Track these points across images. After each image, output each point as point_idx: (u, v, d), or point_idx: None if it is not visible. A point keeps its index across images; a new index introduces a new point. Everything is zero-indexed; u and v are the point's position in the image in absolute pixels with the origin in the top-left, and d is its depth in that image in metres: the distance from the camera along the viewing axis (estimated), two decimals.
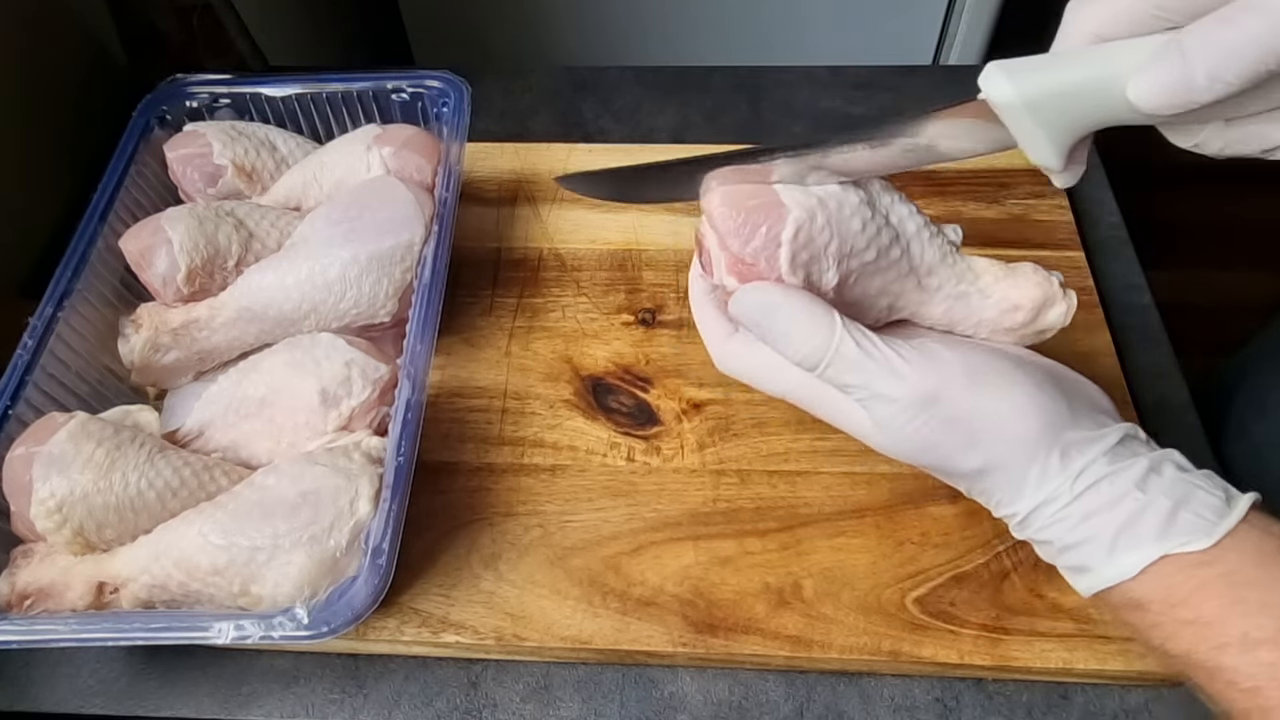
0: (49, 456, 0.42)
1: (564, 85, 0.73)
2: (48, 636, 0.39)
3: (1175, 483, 0.33)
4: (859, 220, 0.36)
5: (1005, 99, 0.33)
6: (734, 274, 0.38)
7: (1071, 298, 0.39)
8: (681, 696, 0.45)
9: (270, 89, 0.59)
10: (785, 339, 0.36)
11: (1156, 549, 0.32)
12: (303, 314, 0.50)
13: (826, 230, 0.36)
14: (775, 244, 0.36)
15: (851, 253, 0.37)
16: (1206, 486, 0.33)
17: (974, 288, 0.38)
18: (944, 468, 0.36)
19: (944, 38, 1.12)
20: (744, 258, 0.37)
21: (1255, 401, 0.57)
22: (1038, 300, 0.38)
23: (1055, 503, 0.34)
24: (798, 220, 0.36)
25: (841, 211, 0.36)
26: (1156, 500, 0.32)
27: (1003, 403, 0.35)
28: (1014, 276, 0.39)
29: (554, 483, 0.50)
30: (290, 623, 0.39)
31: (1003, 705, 0.44)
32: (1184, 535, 0.32)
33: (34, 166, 0.62)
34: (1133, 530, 0.32)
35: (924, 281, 0.38)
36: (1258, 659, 0.30)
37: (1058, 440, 0.34)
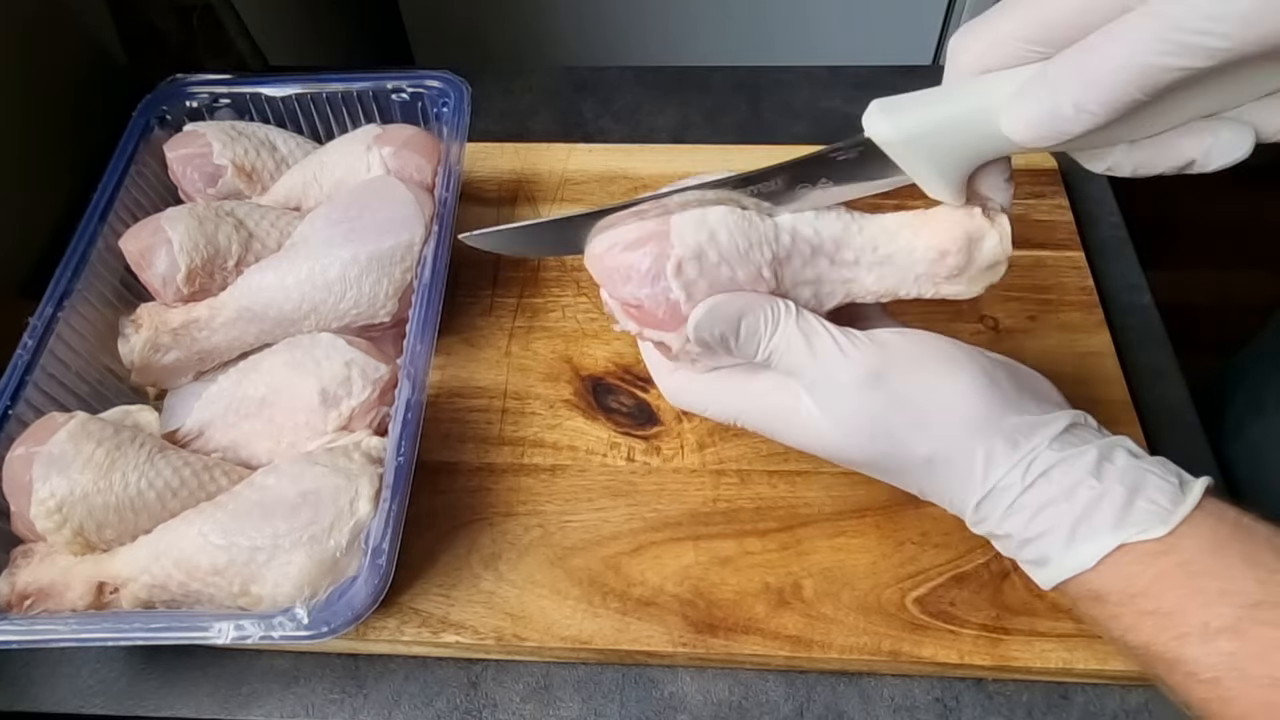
0: (49, 456, 0.42)
1: (564, 85, 0.73)
2: (48, 636, 0.39)
3: (1128, 470, 0.33)
4: (745, 238, 0.36)
5: (886, 137, 0.33)
6: (632, 318, 0.38)
7: (1002, 223, 0.36)
8: (681, 696, 0.45)
9: (270, 89, 0.59)
10: (748, 340, 0.36)
11: (1114, 538, 0.31)
12: (303, 314, 0.50)
13: (724, 265, 0.36)
14: (657, 279, 0.36)
15: (758, 268, 0.36)
16: (1160, 473, 0.33)
17: (895, 247, 0.37)
18: (895, 458, 0.35)
19: (944, 38, 1.12)
20: (629, 300, 0.37)
21: (1253, 400, 0.57)
22: (960, 239, 0.36)
23: (1008, 492, 0.33)
24: (679, 256, 0.35)
25: (732, 239, 0.36)
26: (1112, 488, 0.32)
27: (948, 384, 0.34)
28: (930, 222, 0.37)
29: (554, 483, 0.50)
30: (290, 623, 0.39)
31: (1003, 705, 0.44)
32: (1141, 524, 0.31)
33: (34, 166, 0.62)
34: (1089, 520, 0.32)
35: (838, 259, 0.37)
36: (1217, 649, 0.30)
37: (1004, 423, 0.34)
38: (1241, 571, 0.30)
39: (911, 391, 0.34)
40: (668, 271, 0.35)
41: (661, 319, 0.37)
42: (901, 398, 0.34)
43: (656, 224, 0.36)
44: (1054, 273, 0.57)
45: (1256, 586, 0.30)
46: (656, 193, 0.37)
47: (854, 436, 0.35)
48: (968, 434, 0.34)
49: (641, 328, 0.38)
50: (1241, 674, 0.29)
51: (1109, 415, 0.51)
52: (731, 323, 0.35)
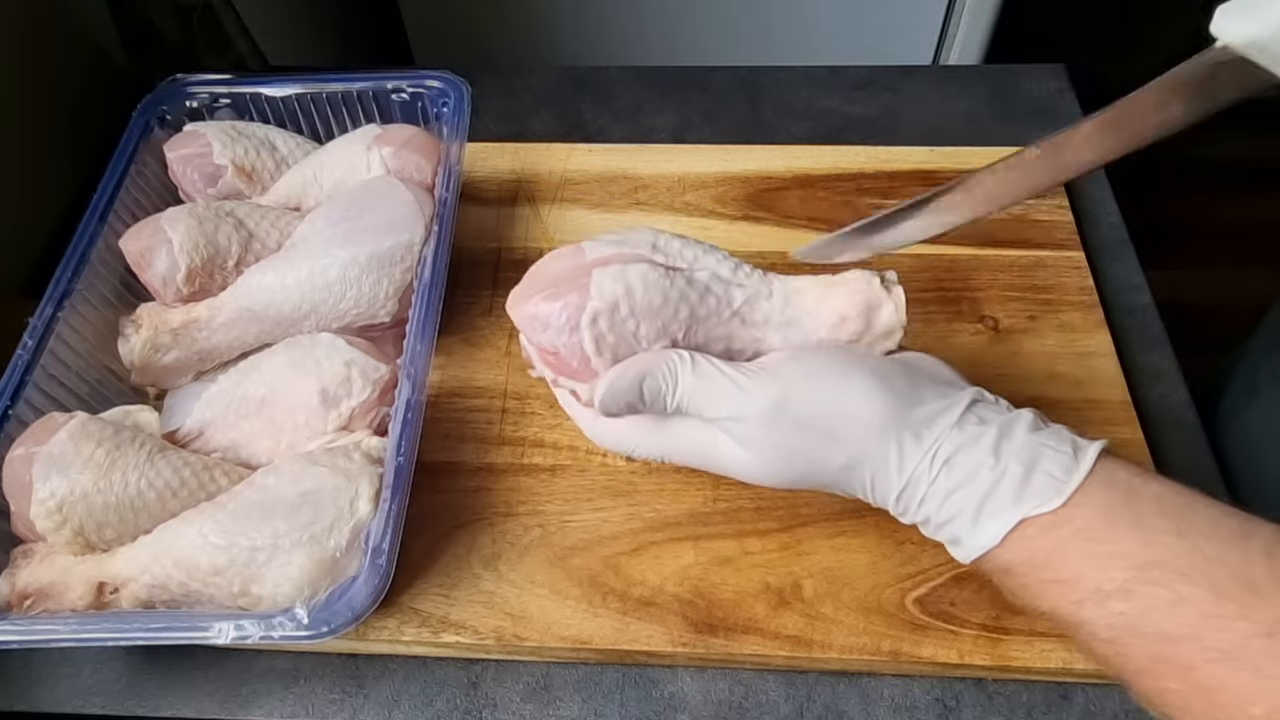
0: (49, 456, 0.42)
1: (564, 85, 0.73)
2: (48, 636, 0.39)
3: (1025, 446, 0.34)
4: (660, 295, 0.37)
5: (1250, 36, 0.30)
6: (547, 365, 0.39)
7: (898, 294, 0.39)
8: (681, 696, 0.45)
9: (270, 89, 0.59)
10: (655, 401, 0.38)
11: (1014, 514, 0.33)
12: (303, 314, 0.50)
13: (631, 319, 0.37)
14: (570, 329, 0.37)
15: (663, 326, 0.38)
16: (1055, 445, 0.34)
17: (801, 310, 0.39)
18: (817, 473, 0.37)
19: (944, 38, 1.11)
20: (545, 347, 0.38)
21: (1247, 386, 0.58)
22: (860, 306, 0.39)
23: (920, 483, 0.35)
24: (595, 309, 0.37)
25: (647, 294, 0.37)
26: (1009, 467, 0.33)
27: (844, 395, 0.36)
28: (835, 289, 0.39)
29: (554, 483, 0.50)
30: (290, 623, 0.39)
31: (1003, 705, 0.44)
32: (1038, 498, 0.33)
33: (34, 166, 0.62)
34: (991, 500, 0.33)
35: (749, 319, 0.39)
36: (1111, 610, 0.31)
37: (907, 420, 0.35)
38: (1130, 535, 0.32)
39: (812, 410, 0.36)
40: (583, 321, 0.37)
41: (575, 369, 0.38)
42: (805, 418, 0.36)
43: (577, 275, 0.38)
44: (1054, 273, 0.57)
45: (1143, 548, 0.31)
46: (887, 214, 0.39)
47: (772, 464, 0.37)
48: (874, 436, 0.35)
49: (557, 375, 0.40)
50: (1135, 632, 0.31)
51: (1108, 415, 0.51)
52: (634, 391, 0.37)
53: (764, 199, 0.62)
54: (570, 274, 0.38)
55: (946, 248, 0.59)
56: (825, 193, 0.62)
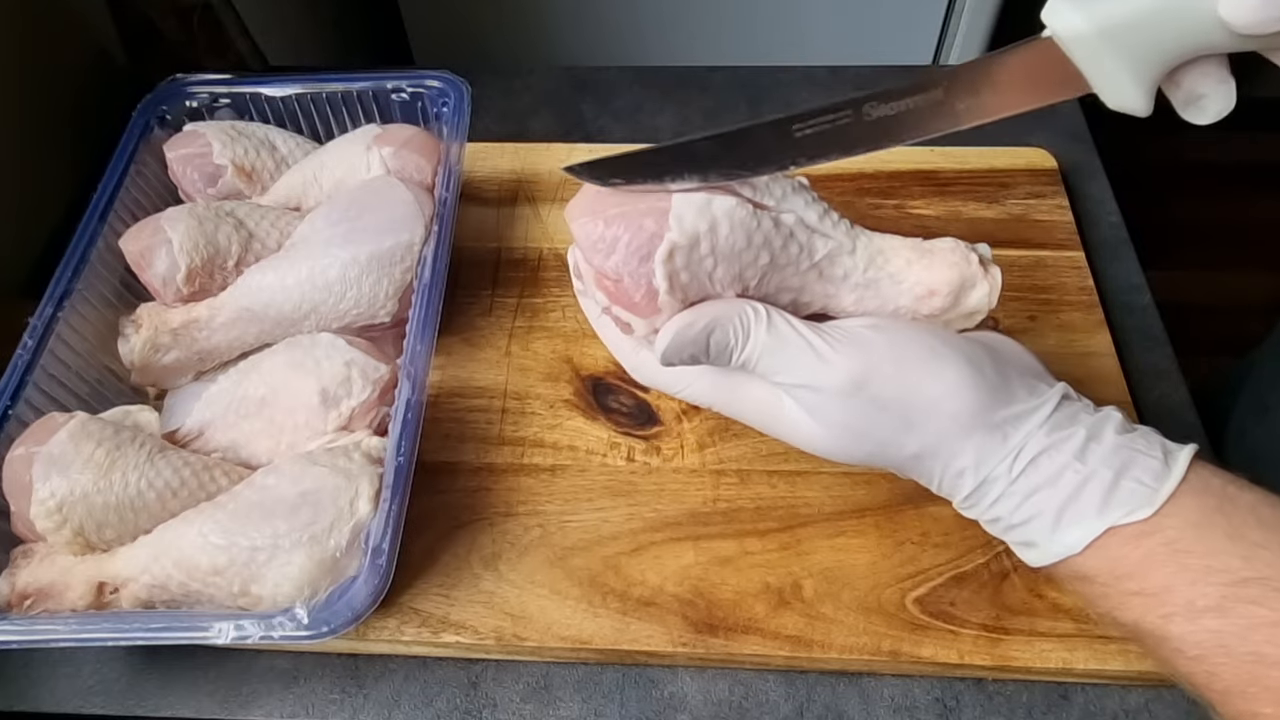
0: (49, 456, 0.42)
1: (564, 85, 0.73)
2: (48, 636, 0.39)
3: (1115, 450, 0.32)
4: (745, 237, 0.34)
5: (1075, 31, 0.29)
6: (603, 290, 0.35)
7: (995, 276, 0.36)
8: (681, 696, 0.45)
9: (270, 89, 0.59)
10: (720, 355, 0.35)
11: (1100, 523, 0.31)
12: (303, 314, 0.50)
13: (710, 259, 0.34)
14: (639, 259, 0.33)
15: (739, 271, 0.34)
16: (1145, 449, 0.32)
17: (884, 273, 0.36)
18: (881, 455, 0.35)
19: (944, 38, 1.12)
20: (606, 273, 0.34)
21: (1256, 404, 0.57)
22: (954, 283, 0.35)
23: (997, 483, 0.33)
24: (674, 242, 0.33)
25: (732, 235, 0.34)
26: (1097, 471, 0.32)
27: (935, 383, 0.33)
28: (928, 258, 0.36)
29: (554, 483, 0.50)
30: (290, 623, 0.39)
31: (1003, 705, 0.44)
32: (1126, 506, 0.31)
33: (34, 166, 0.62)
34: (1075, 505, 0.32)
35: (827, 273, 0.36)
36: (1203, 627, 0.30)
37: (994, 417, 0.33)
38: (1225, 548, 0.30)
39: (896, 394, 0.33)
40: (657, 256, 0.33)
41: (637, 302, 0.34)
42: (886, 402, 0.33)
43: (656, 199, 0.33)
44: (1054, 273, 0.57)
45: (1241, 563, 0.30)
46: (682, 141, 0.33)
47: (839, 440, 0.35)
48: (956, 432, 0.33)
49: (612, 304, 0.35)
50: (1227, 651, 0.29)
51: None
52: (700, 343, 0.34)
53: None
54: (644, 199, 0.34)
55: None
56: (825, 193, 0.61)
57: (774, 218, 0.35)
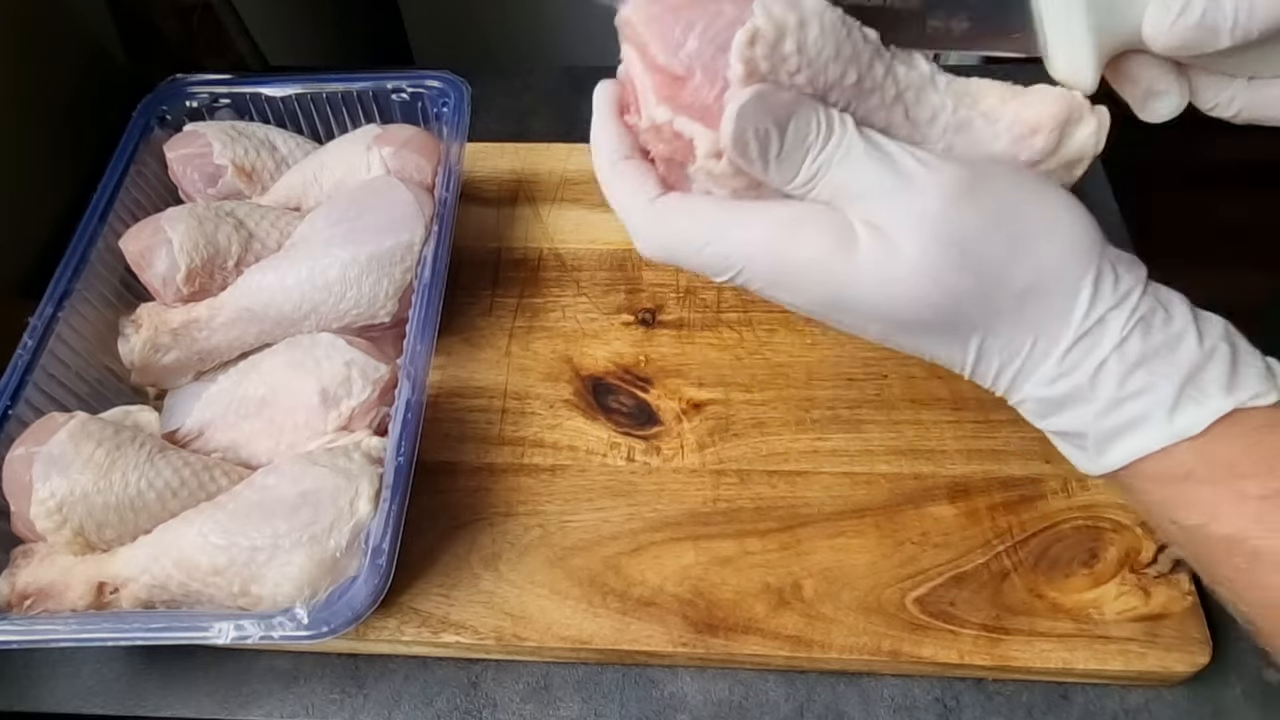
0: (49, 456, 0.42)
1: (564, 85, 0.73)
2: (48, 636, 0.39)
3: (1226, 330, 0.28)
4: (834, 45, 0.30)
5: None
6: (667, 100, 0.30)
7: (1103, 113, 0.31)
8: (681, 696, 0.45)
9: (270, 89, 0.59)
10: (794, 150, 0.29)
11: (1227, 401, 0.27)
12: (303, 314, 0.50)
13: (795, 60, 0.29)
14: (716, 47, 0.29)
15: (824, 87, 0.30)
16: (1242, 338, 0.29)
17: (975, 112, 0.32)
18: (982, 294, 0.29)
19: None
20: (674, 69, 0.30)
21: None
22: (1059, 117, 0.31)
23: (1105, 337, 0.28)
24: (758, 28, 0.29)
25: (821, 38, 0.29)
26: (1218, 346, 0.28)
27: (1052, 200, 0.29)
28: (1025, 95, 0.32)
29: (554, 483, 0.50)
30: (290, 623, 0.39)
31: (1003, 705, 0.44)
32: (1252, 388, 0.27)
33: (34, 166, 0.62)
34: (1200, 378, 0.27)
35: (913, 113, 0.31)
36: None
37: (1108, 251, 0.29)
38: None
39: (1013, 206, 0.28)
40: (737, 40, 0.28)
41: (710, 103, 0.30)
42: (1002, 213, 0.28)
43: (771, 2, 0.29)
44: None
45: None
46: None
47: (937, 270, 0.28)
48: (1077, 256, 0.28)
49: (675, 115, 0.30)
50: None
51: None
52: (780, 118, 0.28)
53: None
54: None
55: None
56: None
57: (864, 31, 0.31)
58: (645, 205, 0.31)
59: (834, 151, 0.29)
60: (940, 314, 0.29)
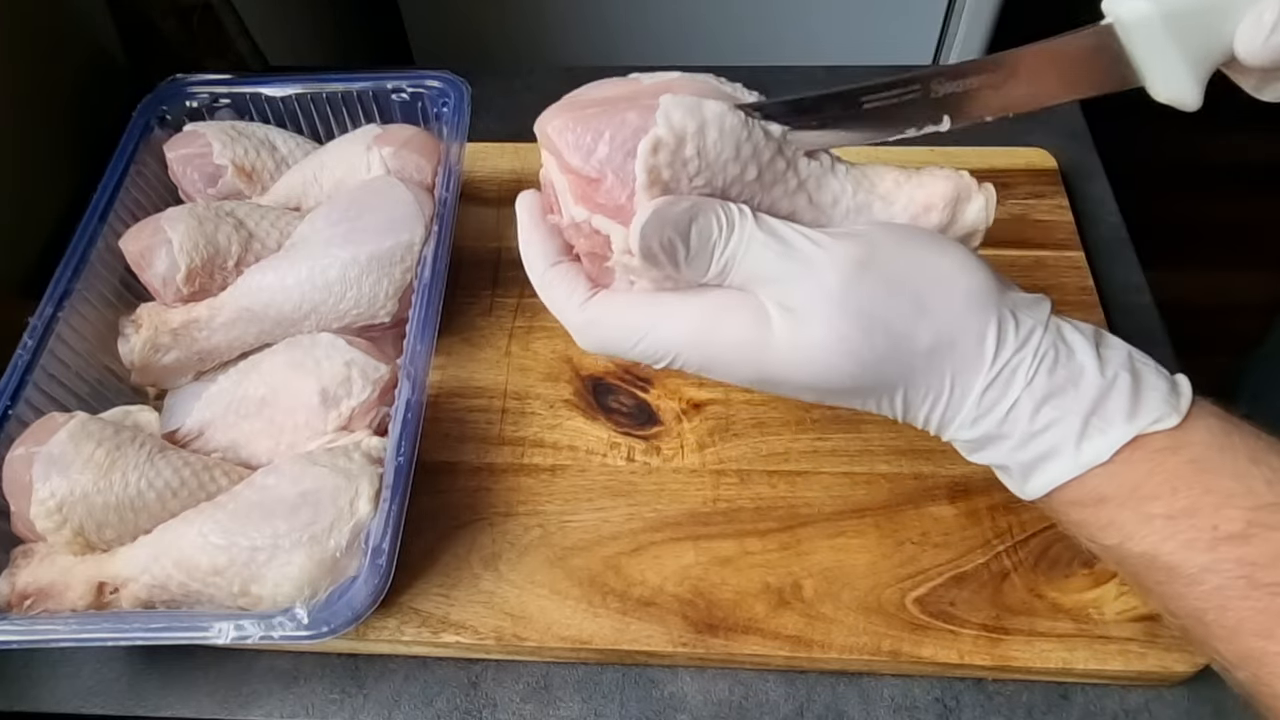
0: (49, 456, 0.42)
1: (564, 85, 0.72)
2: (48, 636, 0.39)
3: (1129, 355, 0.30)
4: (734, 146, 0.32)
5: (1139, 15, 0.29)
6: (583, 201, 0.32)
7: (989, 190, 0.34)
8: (681, 696, 0.45)
9: (270, 89, 0.59)
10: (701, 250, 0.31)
11: (1128, 428, 0.29)
12: (303, 314, 0.50)
13: (695, 163, 0.31)
14: (625, 153, 0.31)
15: (725, 185, 0.32)
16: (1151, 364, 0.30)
17: (874, 195, 0.34)
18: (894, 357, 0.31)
19: (944, 38, 1.11)
20: (587, 173, 0.32)
21: (1266, 400, 0.57)
22: (949, 195, 0.33)
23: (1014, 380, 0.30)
24: (659, 137, 0.31)
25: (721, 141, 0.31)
26: (1119, 375, 0.29)
27: (942, 258, 0.31)
28: (918, 177, 0.34)
29: (554, 483, 0.50)
30: (290, 623, 0.39)
31: (1003, 705, 0.44)
32: (1153, 413, 0.29)
33: (34, 166, 0.62)
34: (1103, 410, 0.29)
35: (816, 197, 0.33)
36: (1225, 555, 0.28)
37: (1005, 298, 0.31)
38: (1249, 470, 0.28)
39: (906, 271, 0.30)
40: (640, 149, 0.31)
41: (623, 203, 0.32)
42: (898, 279, 0.30)
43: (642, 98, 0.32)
44: (1054, 273, 0.57)
45: (1265, 487, 0.28)
46: None
47: (846, 342, 0.30)
48: (974, 308, 0.30)
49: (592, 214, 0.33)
50: (1249, 581, 0.27)
51: None
52: (681, 227, 0.30)
53: None
54: (627, 96, 0.32)
55: None
56: None
57: (764, 127, 0.33)
58: (578, 308, 0.34)
59: (738, 246, 0.31)
60: (857, 379, 0.31)
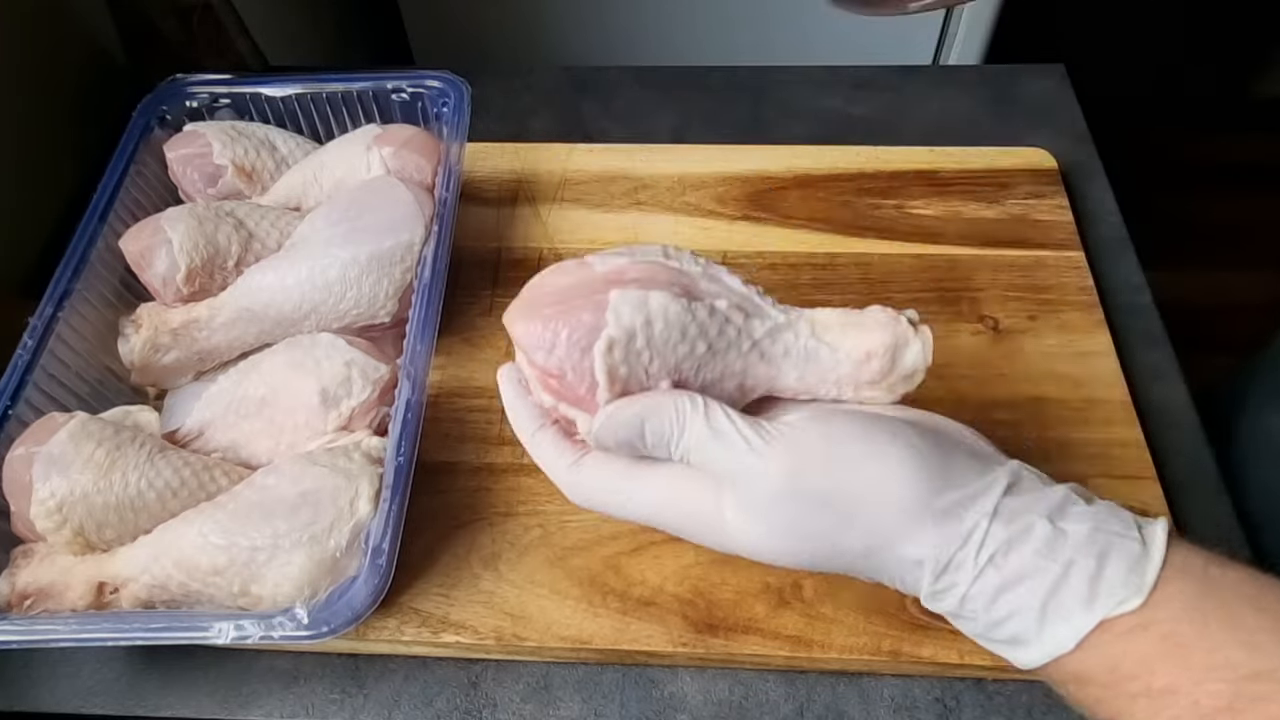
0: (49, 456, 0.42)
1: (564, 85, 0.73)
2: (48, 636, 0.39)
3: (1090, 535, 0.30)
4: (680, 330, 0.35)
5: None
6: (549, 391, 0.36)
7: (925, 334, 0.36)
8: (681, 696, 0.45)
9: (270, 89, 0.59)
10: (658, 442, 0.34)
11: (1089, 617, 0.29)
12: (303, 314, 0.50)
13: (647, 352, 0.34)
14: (581, 351, 0.34)
15: (677, 363, 0.35)
16: (1119, 530, 0.30)
17: (822, 343, 0.36)
18: (831, 556, 0.33)
19: (944, 38, 1.12)
20: (549, 369, 0.35)
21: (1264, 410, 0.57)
22: (888, 343, 0.36)
23: (962, 572, 0.31)
24: (612, 337, 0.34)
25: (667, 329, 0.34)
26: (1076, 560, 0.29)
27: (873, 468, 0.32)
28: (860, 324, 0.37)
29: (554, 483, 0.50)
30: (290, 623, 0.39)
31: (1003, 705, 0.44)
32: (1115, 596, 0.29)
33: (34, 166, 0.62)
34: (1059, 597, 0.29)
35: (768, 352, 0.36)
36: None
37: (942, 501, 0.31)
38: (1225, 639, 0.28)
39: (834, 485, 0.32)
40: (596, 349, 0.34)
41: (582, 395, 0.35)
42: (824, 495, 0.32)
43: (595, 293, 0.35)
44: (1054, 273, 0.58)
45: (1244, 655, 0.28)
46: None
47: (785, 541, 0.33)
48: (904, 520, 0.31)
49: (557, 401, 0.36)
50: None
51: (1109, 415, 0.51)
52: (634, 428, 0.34)
53: (764, 199, 0.62)
54: (580, 290, 0.35)
55: (946, 248, 0.59)
56: (825, 193, 0.62)
57: (709, 305, 0.35)
58: (565, 470, 0.37)
59: (689, 441, 0.33)
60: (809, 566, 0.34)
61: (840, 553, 0.33)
